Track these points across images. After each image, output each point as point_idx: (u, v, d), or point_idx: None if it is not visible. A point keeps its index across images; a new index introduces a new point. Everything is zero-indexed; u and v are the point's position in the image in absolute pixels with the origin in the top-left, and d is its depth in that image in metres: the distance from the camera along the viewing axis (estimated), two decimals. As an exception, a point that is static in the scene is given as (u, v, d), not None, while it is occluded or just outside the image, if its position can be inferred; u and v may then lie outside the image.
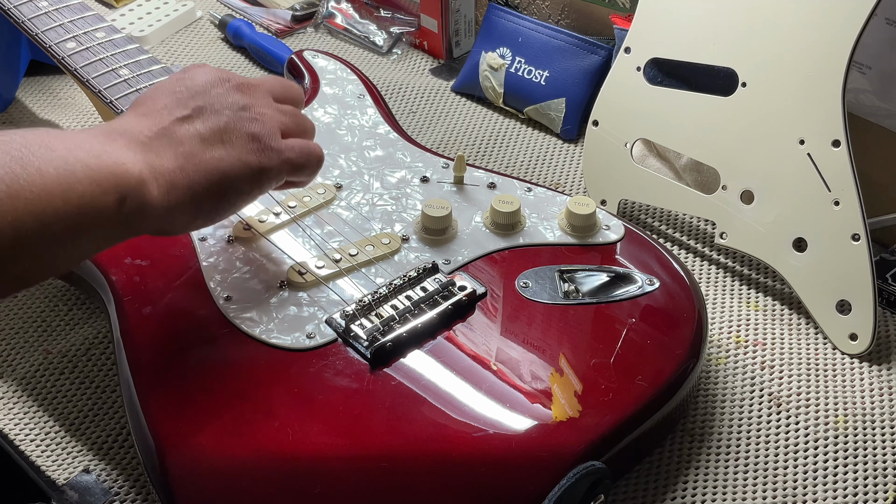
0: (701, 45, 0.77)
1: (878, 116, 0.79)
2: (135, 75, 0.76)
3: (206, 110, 0.59)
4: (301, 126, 0.65)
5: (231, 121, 0.59)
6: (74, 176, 0.51)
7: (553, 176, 0.92)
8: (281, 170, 0.61)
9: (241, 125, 0.60)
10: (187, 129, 0.58)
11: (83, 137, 0.54)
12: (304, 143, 0.63)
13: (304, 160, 0.63)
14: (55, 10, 0.80)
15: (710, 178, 0.82)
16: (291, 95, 0.66)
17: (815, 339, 0.75)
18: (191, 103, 0.59)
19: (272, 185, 0.62)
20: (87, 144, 0.53)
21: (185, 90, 0.60)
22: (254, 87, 0.63)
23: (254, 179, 0.60)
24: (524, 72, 0.97)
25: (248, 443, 0.57)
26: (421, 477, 0.57)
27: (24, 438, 0.68)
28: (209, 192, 0.57)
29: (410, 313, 0.64)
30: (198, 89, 0.60)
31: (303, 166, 0.63)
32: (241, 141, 0.59)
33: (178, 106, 0.59)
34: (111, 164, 0.53)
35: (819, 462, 0.66)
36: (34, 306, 0.77)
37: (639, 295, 0.68)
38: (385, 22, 1.11)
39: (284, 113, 0.63)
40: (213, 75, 0.62)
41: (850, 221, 0.71)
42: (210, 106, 0.60)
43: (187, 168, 0.56)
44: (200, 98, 0.60)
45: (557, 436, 0.58)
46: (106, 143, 0.54)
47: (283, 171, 0.61)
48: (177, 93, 0.60)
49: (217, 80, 0.61)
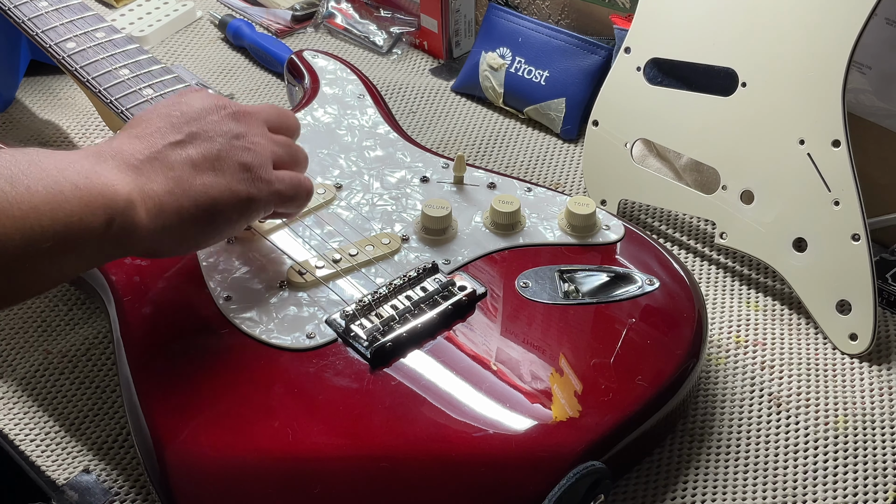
0: (701, 45, 0.77)
1: (878, 116, 0.79)
2: (135, 75, 0.76)
3: (200, 137, 0.60)
4: (294, 157, 0.65)
5: (224, 149, 0.60)
6: (63, 195, 0.51)
7: (553, 176, 0.92)
8: (269, 201, 0.62)
9: (233, 154, 0.60)
10: (179, 154, 0.58)
11: (74, 157, 0.55)
12: (294, 176, 0.64)
13: (293, 192, 0.63)
14: (55, 10, 0.80)
15: (710, 178, 0.82)
16: (287, 125, 0.67)
17: (815, 339, 0.75)
18: (185, 129, 0.60)
19: (259, 214, 0.62)
20: (78, 164, 0.54)
21: (181, 115, 0.60)
22: (249, 115, 0.63)
23: (242, 208, 0.60)
24: (524, 72, 0.97)
25: (248, 443, 0.57)
26: (421, 477, 0.57)
27: (24, 438, 0.68)
28: (197, 217, 0.58)
29: (410, 313, 0.64)
30: (193, 115, 0.61)
31: (291, 199, 0.64)
32: (231, 169, 0.60)
33: (172, 130, 0.59)
34: (100, 185, 0.53)
35: (819, 462, 0.66)
36: (34, 306, 0.77)
37: (639, 295, 0.68)
38: (385, 22, 1.11)
39: (278, 143, 0.64)
40: (210, 101, 0.62)
41: (850, 221, 0.71)
42: (204, 133, 0.60)
43: (176, 192, 0.57)
44: (195, 124, 0.60)
45: (557, 436, 0.58)
46: (97, 164, 0.55)
47: (272, 203, 0.62)
48: (172, 116, 0.60)
49: (213, 106, 0.62)
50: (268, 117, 0.65)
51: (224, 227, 0.60)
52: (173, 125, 0.60)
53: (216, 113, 0.61)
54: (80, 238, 0.52)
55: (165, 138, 0.59)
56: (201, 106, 0.61)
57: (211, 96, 0.63)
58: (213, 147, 0.59)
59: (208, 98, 0.62)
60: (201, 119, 0.61)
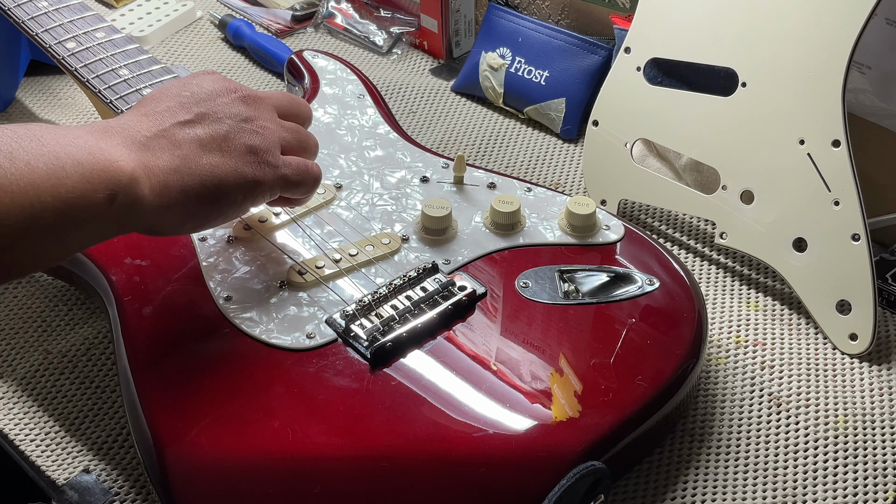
0: (701, 45, 0.77)
1: (878, 116, 0.79)
2: (135, 75, 0.76)
3: (209, 117, 0.60)
4: (302, 144, 0.65)
5: (231, 130, 0.60)
6: (64, 171, 0.51)
7: (553, 176, 0.92)
8: (275, 185, 0.62)
9: (240, 136, 0.60)
10: (187, 132, 0.58)
11: (77, 133, 0.54)
12: (302, 161, 0.64)
13: (300, 178, 0.63)
14: (55, 10, 0.80)
15: (710, 178, 0.82)
16: (298, 112, 0.67)
17: (815, 339, 0.75)
18: (194, 109, 0.60)
19: (265, 198, 0.62)
20: (81, 140, 0.54)
21: (191, 95, 0.61)
22: (260, 100, 0.63)
23: (247, 191, 0.60)
24: (524, 72, 0.97)
25: (248, 443, 0.57)
26: (421, 477, 0.56)
27: (24, 438, 0.68)
28: (202, 197, 0.58)
29: (410, 313, 0.64)
30: (203, 96, 0.61)
31: (298, 184, 0.64)
32: (238, 151, 0.60)
33: (181, 110, 0.59)
34: (104, 161, 0.53)
35: (819, 462, 0.66)
36: (34, 306, 0.77)
37: (639, 295, 0.68)
38: (385, 22, 1.11)
39: (287, 129, 0.64)
40: (221, 84, 0.62)
41: (850, 221, 0.71)
42: (213, 113, 0.60)
43: (182, 171, 0.57)
44: (204, 105, 0.60)
45: (557, 436, 0.58)
46: (101, 140, 0.55)
47: (277, 187, 0.62)
48: (182, 97, 0.60)
49: (224, 89, 0.62)
50: (278, 103, 0.65)
51: (228, 209, 0.60)
52: (182, 104, 0.60)
53: (226, 95, 0.62)
54: (83, 214, 0.52)
55: (174, 117, 0.59)
56: (212, 88, 0.62)
57: (222, 79, 0.63)
58: (221, 128, 0.60)
59: (220, 81, 0.63)
60: (211, 100, 0.61)
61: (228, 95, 0.62)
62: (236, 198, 0.60)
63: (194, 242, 0.70)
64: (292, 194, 0.65)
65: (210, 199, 0.58)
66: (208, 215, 0.60)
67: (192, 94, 0.61)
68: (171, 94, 0.61)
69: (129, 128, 0.57)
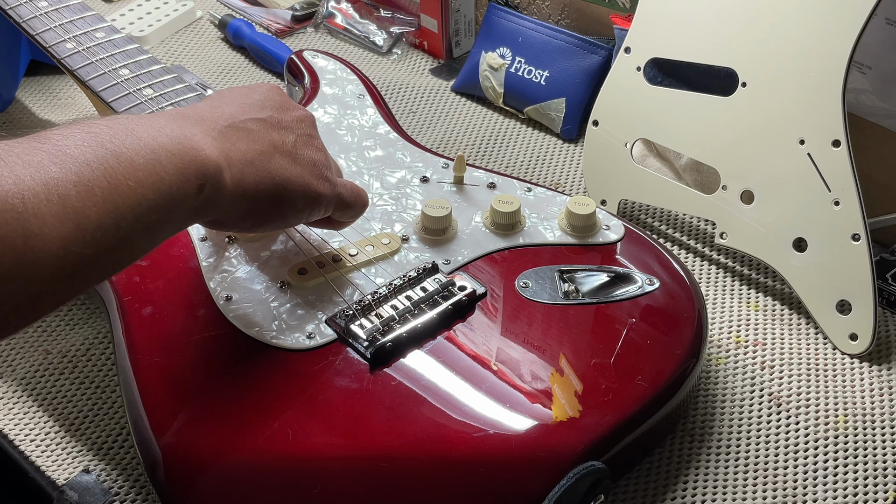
0: (701, 45, 0.77)
1: (878, 116, 0.79)
2: (135, 75, 0.76)
3: (279, 124, 0.61)
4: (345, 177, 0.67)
5: (299, 142, 0.61)
6: (161, 165, 0.50)
7: (553, 176, 0.92)
8: (332, 202, 0.62)
9: (307, 149, 0.61)
10: (262, 129, 0.59)
11: (162, 122, 0.53)
12: (355, 185, 0.66)
13: (353, 200, 0.65)
14: (55, 10, 0.80)
15: (710, 178, 0.82)
16: None
17: (815, 339, 0.75)
18: (266, 112, 0.61)
19: (320, 213, 0.63)
20: (168, 129, 0.52)
21: (259, 101, 0.61)
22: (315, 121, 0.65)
23: (308, 201, 0.60)
24: (524, 72, 0.97)
25: (248, 443, 0.57)
26: (421, 477, 0.56)
27: (24, 438, 0.68)
28: (270, 195, 0.58)
29: (410, 313, 0.64)
30: (270, 104, 0.62)
31: (349, 206, 0.65)
32: (305, 162, 0.60)
33: (254, 108, 0.60)
34: (192, 151, 0.52)
35: (819, 462, 0.66)
36: (34, 306, 0.77)
37: (639, 295, 0.67)
38: (385, 22, 1.11)
39: None
40: (285, 98, 0.64)
41: (850, 221, 0.71)
42: (282, 121, 0.61)
43: (258, 165, 0.57)
44: (273, 111, 0.61)
45: (557, 436, 0.58)
46: (184, 128, 0.53)
47: (333, 204, 0.63)
48: (251, 99, 0.61)
49: (288, 103, 0.63)
50: None
51: (288, 214, 0.60)
52: (252, 105, 0.60)
53: (293, 109, 0.63)
54: (176, 205, 0.50)
55: (248, 113, 0.59)
56: (279, 99, 0.63)
57: (284, 93, 0.64)
58: (290, 137, 0.60)
59: (283, 94, 0.64)
60: (280, 109, 0.62)
61: (294, 110, 0.63)
62: (298, 205, 0.60)
63: (194, 242, 0.70)
64: (341, 216, 0.65)
65: (276, 199, 0.58)
66: (270, 216, 0.60)
67: (259, 100, 0.61)
68: (237, 96, 0.61)
69: (205, 117, 0.57)
